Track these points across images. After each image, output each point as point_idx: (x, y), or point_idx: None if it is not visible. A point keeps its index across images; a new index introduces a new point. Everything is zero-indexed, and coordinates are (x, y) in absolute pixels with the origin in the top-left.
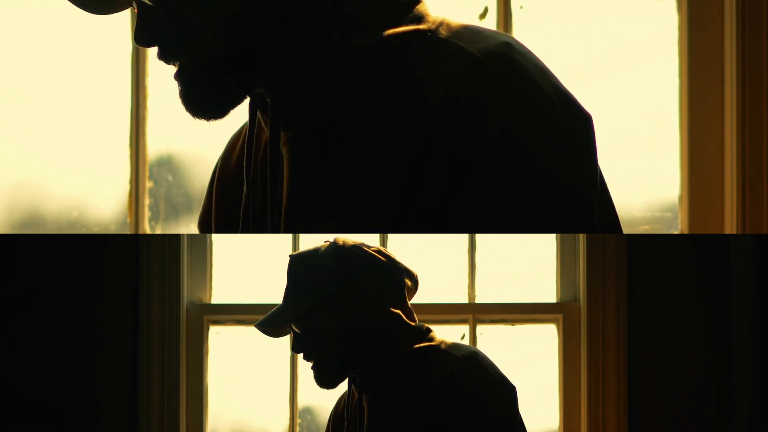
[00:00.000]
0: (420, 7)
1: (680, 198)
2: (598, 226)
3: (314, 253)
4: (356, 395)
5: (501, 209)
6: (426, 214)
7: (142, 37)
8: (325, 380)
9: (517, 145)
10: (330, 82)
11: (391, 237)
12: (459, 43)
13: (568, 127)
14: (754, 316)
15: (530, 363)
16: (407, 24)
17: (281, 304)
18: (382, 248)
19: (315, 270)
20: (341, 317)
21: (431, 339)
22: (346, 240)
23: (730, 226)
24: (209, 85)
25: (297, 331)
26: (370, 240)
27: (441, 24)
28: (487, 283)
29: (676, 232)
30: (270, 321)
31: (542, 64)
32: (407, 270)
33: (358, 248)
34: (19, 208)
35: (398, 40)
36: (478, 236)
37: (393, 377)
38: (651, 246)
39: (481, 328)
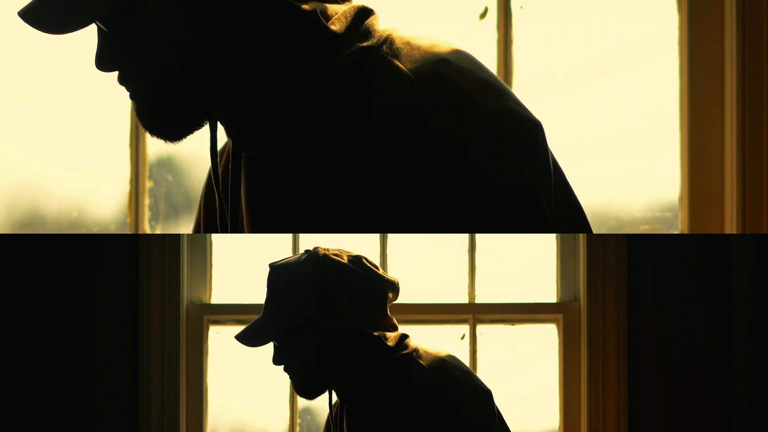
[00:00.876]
0: (369, 22)
1: (680, 198)
2: (547, 225)
3: (294, 266)
4: (337, 405)
5: (446, 212)
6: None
7: (102, 63)
8: (305, 392)
9: (455, 150)
10: (285, 106)
11: (391, 237)
12: (396, 64)
13: (505, 133)
14: (754, 316)
15: (530, 363)
16: (356, 40)
17: (261, 318)
18: (362, 257)
19: (295, 288)
20: (320, 336)
21: (406, 347)
22: (327, 250)
23: (730, 226)
24: (164, 112)
25: (277, 344)
26: (371, 242)
27: (385, 40)
28: (487, 283)
29: (676, 232)
30: (249, 336)
31: (485, 76)
32: (387, 279)
33: (337, 263)
34: (19, 208)
35: (346, 60)
36: (478, 236)
37: (370, 389)
38: (651, 246)
39: (481, 328)
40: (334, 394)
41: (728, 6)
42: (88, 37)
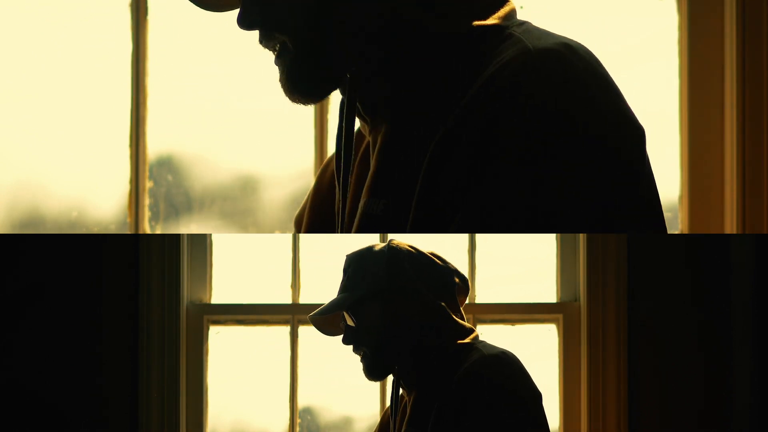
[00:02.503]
0: (507, 8)
1: (680, 198)
2: (600, 225)
3: (369, 250)
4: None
5: (515, 188)
6: (450, 190)
7: (245, 20)
8: (373, 371)
9: (544, 125)
10: (408, 68)
11: (391, 237)
12: (521, 37)
13: (606, 126)
14: (754, 316)
15: (530, 363)
16: (492, 20)
17: (335, 297)
18: (434, 252)
19: (368, 266)
20: (391, 310)
21: (471, 338)
22: (401, 242)
23: (730, 226)
24: (311, 67)
25: (349, 324)
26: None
27: (521, 24)
28: (487, 283)
29: (676, 232)
30: (324, 310)
31: (600, 73)
32: (458, 271)
33: (411, 249)
34: (19, 208)
35: (476, 31)
36: (478, 236)
37: (430, 373)
38: (651, 246)
39: (481, 328)
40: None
41: (728, 6)
42: (88, 37)
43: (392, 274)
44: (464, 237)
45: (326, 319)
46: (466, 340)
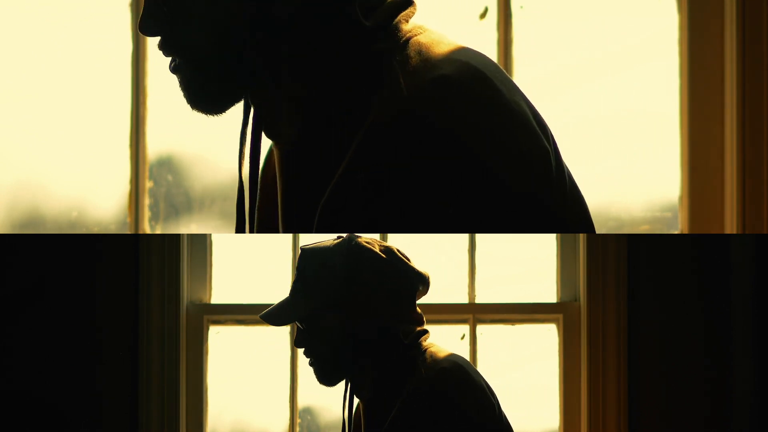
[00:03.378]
0: (401, 16)
1: (680, 198)
2: (546, 221)
3: (326, 251)
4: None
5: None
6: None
7: (145, 27)
8: (324, 379)
9: (448, 142)
10: (309, 93)
11: (391, 237)
12: (397, 76)
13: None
14: (754, 316)
15: (530, 363)
16: (380, 39)
17: (288, 298)
18: (395, 248)
19: (325, 270)
20: (346, 323)
21: (419, 346)
22: (360, 239)
23: (730, 226)
24: (207, 83)
25: (301, 327)
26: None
27: (404, 44)
28: (487, 283)
29: (676, 232)
30: (275, 315)
31: (489, 94)
32: (418, 273)
33: (369, 251)
34: (19, 208)
35: (361, 61)
36: (478, 236)
37: (382, 382)
38: (651, 246)
39: (481, 328)
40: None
41: (728, 6)
42: (88, 36)
43: (351, 283)
44: (464, 237)
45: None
46: (411, 352)
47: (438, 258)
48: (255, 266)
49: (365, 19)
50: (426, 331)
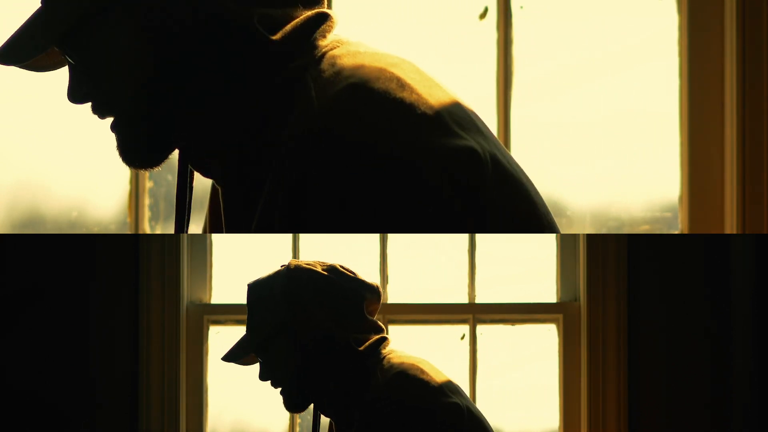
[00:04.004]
0: (319, 31)
1: (680, 198)
2: (454, 224)
3: (268, 281)
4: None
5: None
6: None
7: (74, 96)
8: (292, 405)
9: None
10: (228, 131)
11: (391, 237)
12: (310, 92)
13: (397, 152)
14: (754, 316)
15: (530, 363)
16: (296, 56)
17: (243, 336)
18: (338, 265)
19: (267, 300)
20: (295, 344)
21: (377, 354)
22: (300, 262)
23: (730, 226)
24: (140, 139)
25: (261, 360)
26: (372, 242)
27: (319, 59)
28: (487, 283)
29: (676, 232)
30: (233, 354)
31: (407, 104)
32: (365, 284)
33: (310, 271)
34: (19, 208)
35: (276, 81)
36: (478, 236)
37: (341, 399)
38: (651, 246)
39: (481, 328)
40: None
41: (728, 6)
42: None
43: (291, 307)
44: (464, 237)
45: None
46: (370, 360)
47: (438, 258)
48: (255, 266)
49: (271, 34)
50: (385, 339)
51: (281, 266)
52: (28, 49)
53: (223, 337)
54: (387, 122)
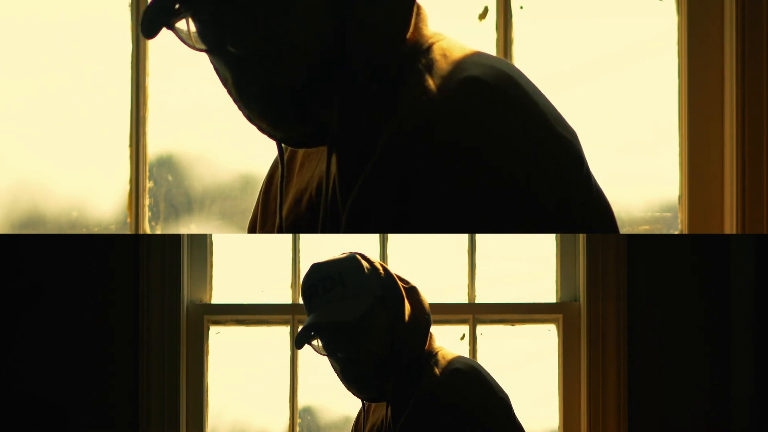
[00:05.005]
0: (419, 22)
1: (680, 198)
2: (554, 225)
3: (344, 259)
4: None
5: (440, 217)
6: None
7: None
8: (374, 386)
9: (458, 157)
10: (345, 103)
11: (391, 237)
12: (426, 79)
13: (520, 144)
14: (754, 316)
15: (530, 363)
16: (406, 46)
17: (328, 306)
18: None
19: (361, 274)
20: (392, 320)
21: (430, 347)
22: (368, 256)
23: (730, 226)
24: (289, 106)
25: (338, 333)
26: (372, 242)
27: (426, 50)
28: (487, 283)
29: (676, 232)
30: (325, 322)
31: (516, 97)
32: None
33: (381, 264)
34: (19, 208)
35: (392, 71)
36: (479, 236)
37: (405, 381)
38: (651, 246)
39: (481, 328)
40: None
41: (728, 6)
42: (88, 36)
43: (384, 285)
44: (464, 237)
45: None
46: (432, 350)
47: (438, 258)
48: (255, 266)
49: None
50: (431, 334)
51: (343, 253)
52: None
53: (223, 337)
54: (501, 126)
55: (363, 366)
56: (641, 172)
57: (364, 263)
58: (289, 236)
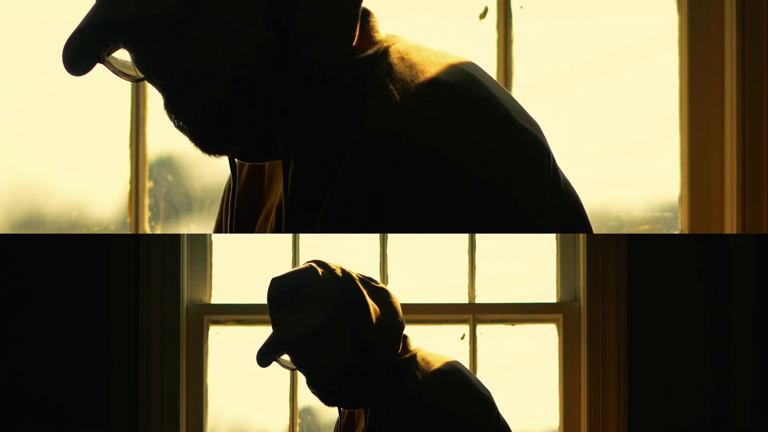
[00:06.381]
0: (369, 25)
1: (680, 198)
2: (526, 225)
3: (302, 271)
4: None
5: (418, 222)
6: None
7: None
8: (336, 398)
9: (428, 160)
10: (292, 120)
11: (391, 237)
12: (387, 85)
13: (490, 146)
14: (754, 316)
15: (530, 363)
16: (357, 50)
17: (283, 327)
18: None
19: (315, 283)
20: (351, 330)
21: (406, 351)
22: (329, 262)
23: (730, 226)
24: (213, 126)
25: (306, 347)
26: (372, 242)
27: (383, 53)
28: (487, 283)
29: (676, 232)
30: (288, 340)
31: (481, 95)
32: (385, 289)
33: (340, 269)
34: (19, 208)
35: (346, 75)
36: (478, 236)
37: (384, 387)
38: (651, 246)
39: (481, 328)
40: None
41: (728, 6)
42: None
43: (346, 289)
44: (464, 237)
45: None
46: (403, 356)
47: (438, 258)
48: (255, 266)
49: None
50: (406, 336)
51: (306, 262)
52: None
53: (223, 337)
54: (467, 125)
55: (328, 376)
56: (641, 172)
57: (321, 271)
58: (289, 236)
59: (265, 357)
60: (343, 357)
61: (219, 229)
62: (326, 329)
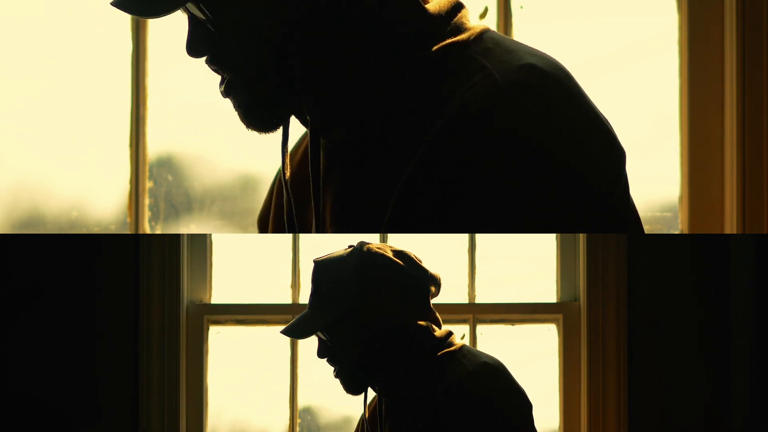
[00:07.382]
0: (461, 16)
1: (680, 198)
2: (617, 224)
3: (339, 261)
4: (376, 402)
5: (500, 207)
6: (424, 216)
7: (193, 50)
8: (351, 387)
9: (514, 146)
10: (368, 98)
11: (391, 237)
12: (483, 62)
13: (578, 140)
14: (753, 316)
15: (530, 363)
16: (446, 36)
17: (307, 312)
18: (407, 252)
19: (339, 281)
20: (364, 329)
21: (451, 344)
22: (371, 246)
23: (730, 226)
24: (259, 100)
25: (322, 338)
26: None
27: (476, 38)
28: (487, 283)
29: (676, 232)
30: (297, 329)
31: (573, 87)
32: (431, 275)
33: (381, 257)
34: (19, 208)
35: (437, 54)
36: (478, 236)
37: (410, 386)
38: (651, 246)
39: (481, 328)
40: (370, 391)
41: (728, 6)
42: (88, 37)
43: (365, 292)
44: (464, 237)
45: None
46: (448, 350)
47: (438, 258)
48: (255, 266)
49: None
50: (452, 332)
51: (349, 246)
52: (167, 3)
53: (223, 337)
54: (560, 116)
55: (344, 373)
56: (641, 172)
57: (350, 268)
58: (289, 236)
59: (302, 333)
60: (354, 355)
61: (266, 212)
62: (334, 328)
